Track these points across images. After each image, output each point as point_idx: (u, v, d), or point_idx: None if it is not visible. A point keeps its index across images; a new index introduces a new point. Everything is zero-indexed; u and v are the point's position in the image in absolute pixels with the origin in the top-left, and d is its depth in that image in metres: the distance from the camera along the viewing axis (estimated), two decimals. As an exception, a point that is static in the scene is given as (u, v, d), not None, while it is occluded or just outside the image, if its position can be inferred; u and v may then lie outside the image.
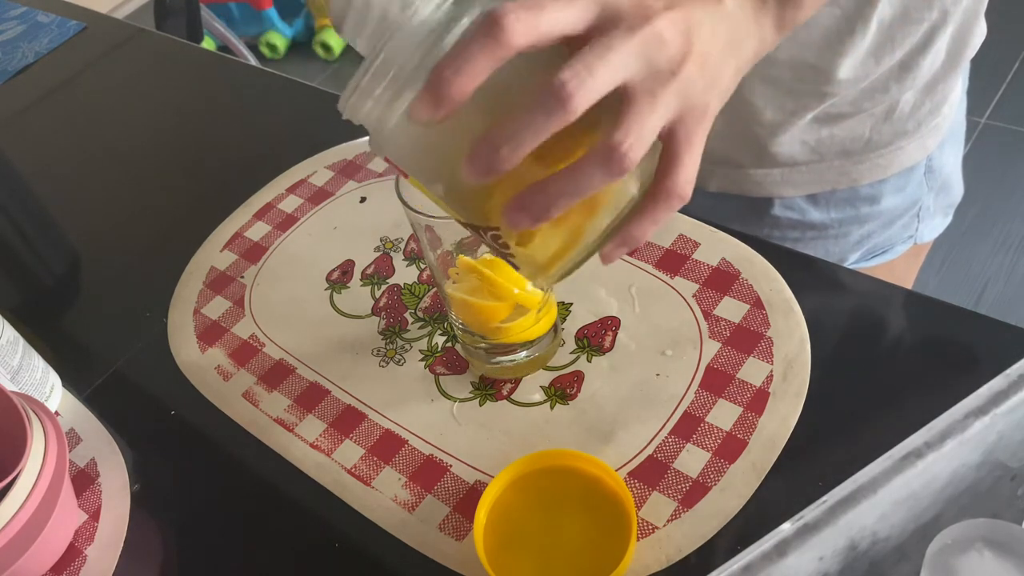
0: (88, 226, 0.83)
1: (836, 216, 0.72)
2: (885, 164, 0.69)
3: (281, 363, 0.63)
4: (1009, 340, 0.54)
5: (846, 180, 0.70)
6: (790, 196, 0.71)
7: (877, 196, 0.71)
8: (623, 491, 0.49)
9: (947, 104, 0.68)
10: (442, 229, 0.51)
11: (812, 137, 0.67)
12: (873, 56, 0.62)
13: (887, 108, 0.66)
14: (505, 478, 0.51)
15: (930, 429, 0.36)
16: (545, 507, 0.51)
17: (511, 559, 0.49)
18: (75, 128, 0.95)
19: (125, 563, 0.55)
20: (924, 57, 0.64)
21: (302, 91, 0.90)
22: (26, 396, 0.57)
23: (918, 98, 0.66)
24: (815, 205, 0.72)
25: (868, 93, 0.65)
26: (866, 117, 0.67)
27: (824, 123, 0.67)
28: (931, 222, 0.78)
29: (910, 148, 0.69)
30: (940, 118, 0.69)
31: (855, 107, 0.66)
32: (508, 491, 0.51)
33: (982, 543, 0.37)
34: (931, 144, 0.70)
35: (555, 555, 0.49)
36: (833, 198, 0.71)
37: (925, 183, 0.73)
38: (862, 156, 0.69)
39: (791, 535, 0.34)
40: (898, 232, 0.76)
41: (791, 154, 0.68)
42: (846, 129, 0.67)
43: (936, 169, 0.73)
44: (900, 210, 0.73)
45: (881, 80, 0.64)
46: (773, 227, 0.73)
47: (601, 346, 0.59)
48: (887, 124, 0.67)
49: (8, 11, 1.17)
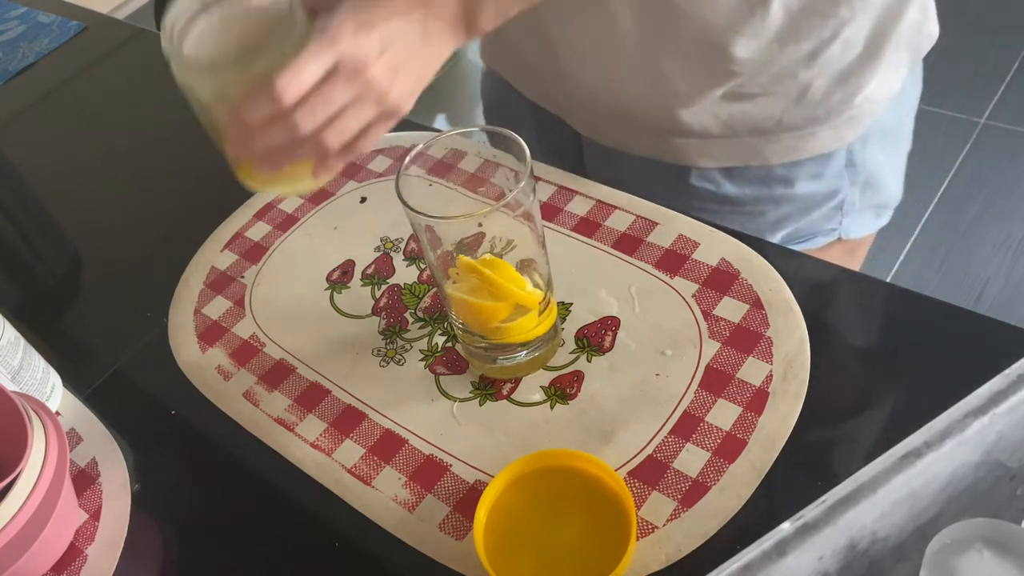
0: (88, 226, 0.83)
1: (751, 192, 0.74)
2: (797, 147, 0.71)
3: (281, 363, 0.64)
4: (1009, 340, 0.54)
5: (758, 158, 0.72)
6: (707, 167, 0.73)
7: (791, 178, 0.73)
8: (623, 491, 0.49)
9: (862, 96, 0.69)
10: (442, 229, 0.51)
11: (724, 111, 0.69)
12: (777, 42, 0.64)
13: (798, 92, 0.68)
14: (505, 478, 0.51)
15: (930, 429, 0.36)
16: (545, 507, 0.51)
17: (511, 559, 0.49)
18: (75, 128, 0.95)
19: (125, 563, 0.55)
20: (832, 48, 0.65)
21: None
22: (27, 396, 0.57)
23: (830, 86, 0.68)
24: (730, 179, 0.74)
25: (777, 77, 0.67)
26: (777, 99, 0.68)
27: (735, 100, 0.69)
28: (858, 219, 0.79)
29: (823, 135, 0.71)
30: (855, 110, 0.70)
31: (764, 88, 0.68)
32: (508, 491, 0.51)
33: (981, 543, 0.37)
34: (848, 135, 0.71)
35: (555, 554, 0.49)
36: (747, 174, 0.73)
37: (846, 176, 0.74)
38: (774, 136, 0.70)
39: (791, 534, 0.34)
40: (819, 222, 0.78)
41: (705, 125, 0.70)
42: (758, 107, 0.69)
43: (859, 164, 0.74)
44: (818, 198, 0.75)
45: (789, 65, 0.66)
46: (692, 197, 0.75)
47: (601, 346, 0.59)
48: (798, 107, 0.69)
49: (8, 11, 1.17)
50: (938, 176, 1.78)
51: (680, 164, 0.74)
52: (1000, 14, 2.09)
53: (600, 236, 0.65)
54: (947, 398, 0.37)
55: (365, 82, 0.49)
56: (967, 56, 2.01)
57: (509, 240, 0.53)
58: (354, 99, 0.50)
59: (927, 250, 1.66)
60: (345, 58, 0.48)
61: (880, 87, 0.70)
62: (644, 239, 0.64)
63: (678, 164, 0.74)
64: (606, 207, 0.67)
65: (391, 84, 0.50)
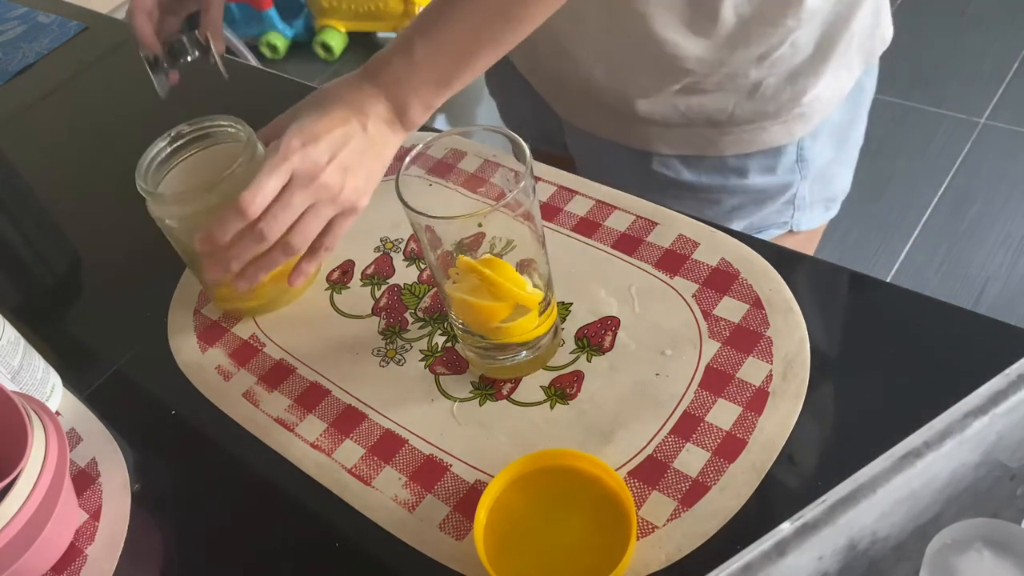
0: (88, 226, 0.83)
1: (707, 181, 0.78)
2: (748, 140, 0.75)
3: (281, 363, 0.64)
4: (1009, 340, 0.54)
5: (713, 148, 0.76)
6: (666, 154, 0.77)
7: (744, 169, 0.77)
8: (623, 491, 0.49)
9: (811, 95, 0.73)
10: (442, 229, 0.51)
11: (682, 103, 0.73)
12: (728, 46, 0.68)
13: (750, 88, 0.71)
14: (505, 478, 0.51)
15: (930, 429, 0.36)
16: (545, 507, 0.51)
17: (511, 559, 0.49)
18: (75, 128, 0.95)
19: (125, 562, 0.55)
20: (780, 50, 0.69)
21: (302, 91, 0.89)
22: (27, 396, 0.57)
23: (779, 84, 0.71)
24: (688, 166, 0.78)
25: (729, 76, 0.71)
26: (729, 94, 0.72)
27: (691, 93, 0.72)
28: (809, 212, 0.83)
29: (773, 130, 0.74)
30: (804, 108, 0.73)
31: (718, 85, 0.71)
32: (508, 491, 0.51)
33: (981, 543, 0.37)
34: (798, 131, 0.75)
35: (555, 554, 0.49)
36: (703, 163, 0.77)
37: (798, 170, 0.78)
38: (727, 128, 0.74)
39: (791, 534, 0.34)
40: (772, 215, 0.81)
41: (664, 114, 0.74)
42: (712, 100, 0.72)
43: (809, 159, 0.77)
44: (772, 191, 0.79)
45: (740, 65, 0.70)
46: (654, 182, 0.79)
47: (601, 346, 0.59)
48: (749, 103, 0.72)
49: (9, 11, 1.17)
50: (938, 176, 1.78)
51: (642, 150, 0.78)
52: (1000, 14, 2.09)
53: (600, 236, 0.65)
54: (947, 398, 0.37)
55: (319, 186, 0.57)
56: (967, 56, 2.01)
57: (509, 240, 0.53)
58: (312, 202, 0.58)
59: (927, 250, 1.66)
60: (298, 169, 0.56)
61: (829, 87, 0.73)
62: (644, 239, 0.64)
63: (640, 150, 0.78)
64: (606, 207, 0.67)
65: (343, 183, 0.58)
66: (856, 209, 1.03)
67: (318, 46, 2.55)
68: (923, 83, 1.97)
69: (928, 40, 2.06)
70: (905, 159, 1.82)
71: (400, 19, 2.47)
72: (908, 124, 1.90)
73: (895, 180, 1.79)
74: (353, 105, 0.59)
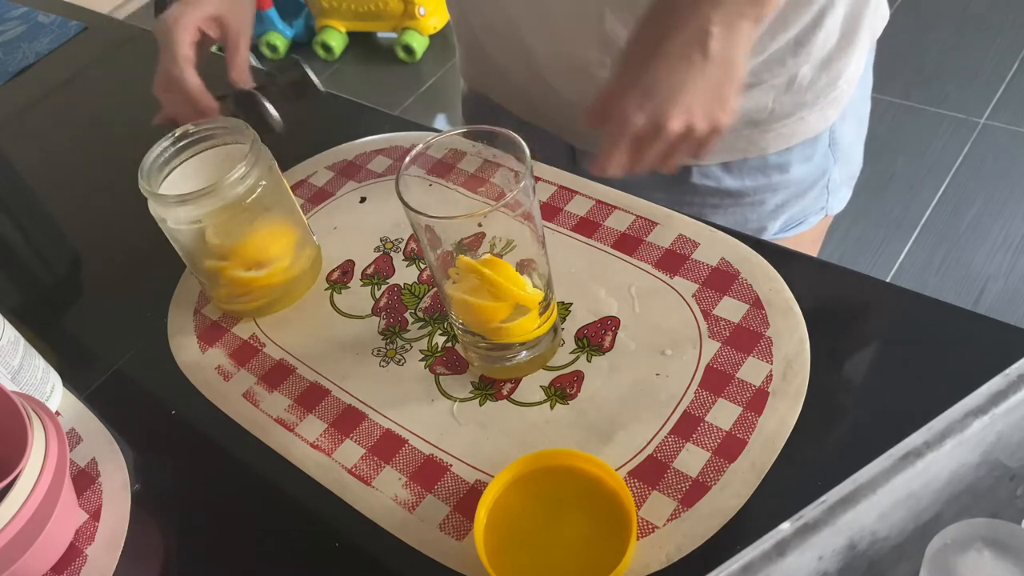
0: (88, 226, 0.83)
1: (750, 184, 0.77)
2: (789, 133, 0.74)
3: (281, 363, 0.64)
4: (1009, 340, 0.54)
5: (755, 149, 0.75)
6: (706, 164, 0.76)
7: (786, 164, 0.76)
8: (623, 490, 0.49)
9: (843, 79, 0.73)
10: (442, 229, 0.51)
11: None
12: (768, 33, 0.67)
13: (787, 80, 0.71)
14: (505, 477, 0.51)
15: (930, 429, 0.36)
16: (545, 506, 0.51)
17: (511, 558, 0.49)
18: (75, 128, 0.95)
19: (125, 562, 0.55)
20: (816, 35, 0.69)
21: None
22: (27, 396, 0.57)
23: (815, 72, 0.71)
24: (729, 173, 0.76)
25: (767, 66, 0.70)
26: (768, 88, 0.71)
27: None
28: (839, 194, 0.83)
29: (811, 119, 0.74)
30: (838, 91, 0.74)
31: (756, 78, 0.70)
32: (508, 490, 0.51)
33: (981, 543, 0.37)
34: (832, 115, 0.75)
35: (555, 553, 0.49)
36: (745, 166, 0.76)
37: (831, 154, 0.78)
38: (767, 125, 0.73)
39: (790, 534, 0.34)
40: (811, 203, 0.81)
41: None
42: (751, 100, 0.71)
43: (839, 142, 0.78)
44: (811, 180, 0.79)
45: (778, 55, 0.69)
46: (694, 194, 0.78)
47: (601, 346, 0.59)
48: (788, 95, 0.72)
49: (9, 11, 1.17)
50: (938, 176, 1.78)
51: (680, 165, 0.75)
52: (1000, 14, 2.08)
53: (600, 236, 0.65)
54: (947, 398, 0.37)
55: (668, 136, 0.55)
56: (967, 56, 2.01)
57: (509, 240, 0.53)
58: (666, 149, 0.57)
59: (927, 250, 1.66)
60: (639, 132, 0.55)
61: (854, 67, 0.74)
62: (644, 239, 0.64)
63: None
64: (606, 207, 0.67)
65: (691, 123, 0.55)
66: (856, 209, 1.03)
67: (318, 46, 2.55)
68: (923, 83, 1.97)
69: (928, 40, 2.06)
70: (905, 159, 1.82)
71: (400, 19, 2.47)
72: (908, 124, 1.90)
73: (895, 180, 1.79)
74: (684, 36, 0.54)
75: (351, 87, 2.43)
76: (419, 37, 2.46)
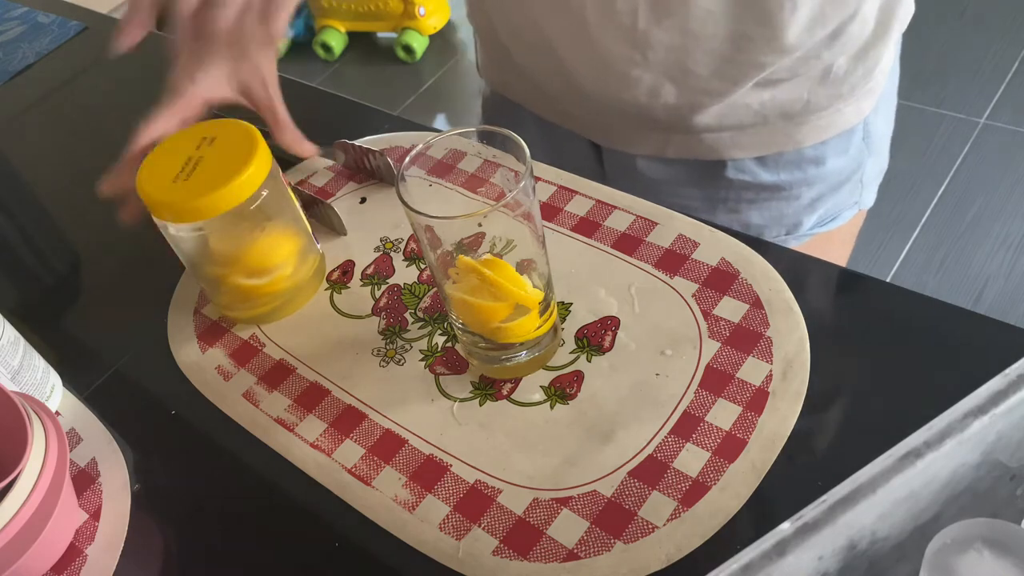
0: (88, 226, 0.83)
1: (786, 178, 0.77)
2: (825, 126, 0.74)
3: (281, 363, 0.64)
4: (1009, 340, 0.54)
5: (791, 143, 0.74)
6: (740, 158, 0.76)
7: (821, 158, 0.76)
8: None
9: (879, 69, 0.73)
10: (442, 229, 0.51)
11: (755, 100, 0.72)
12: (807, 29, 0.67)
13: (822, 72, 0.71)
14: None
15: (929, 429, 0.36)
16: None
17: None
18: (75, 128, 0.95)
19: (125, 563, 0.55)
20: (851, 25, 0.68)
21: (302, 91, 0.90)
22: (27, 396, 0.57)
23: (850, 64, 0.71)
24: (764, 167, 0.76)
25: (802, 59, 0.69)
26: (803, 81, 0.71)
27: (765, 87, 0.71)
28: (871, 187, 0.83)
29: (847, 111, 0.74)
30: (873, 82, 0.74)
31: (792, 72, 0.70)
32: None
33: (981, 543, 0.37)
34: (866, 107, 0.75)
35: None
36: (781, 160, 0.76)
37: (865, 147, 0.78)
38: (803, 118, 0.73)
39: (790, 534, 0.34)
40: (845, 197, 0.81)
41: (738, 118, 0.73)
42: (786, 92, 0.71)
43: (872, 133, 0.78)
44: (846, 173, 0.78)
45: (814, 48, 0.68)
46: (728, 189, 0.77)
47: (601, 346, 0.59)
48: (823, 87, 0.71)
49: (9, 11, 1.17)
50: (938, 176, 1.79)
51: (714, 160, 0.76)
52: (1000, 15, 2.09)
53: (600, 236, 0.65)
54: (947, 398, 0.37)
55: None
56: (967, 56, 2.01)
57: (509, 240, 0.53)
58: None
59: (927, 250, 1.66)
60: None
61: (888, 58, 0.73)
62: (644, 239, 0.64)
63: (712, 160, 0.76)
64: (606, 207, 0.67)
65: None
66: (856, 209, 1.03)
67: (318, 46, 2.55)
68: (923, 83, 1.97)
69: (928, 40, 2.06)
70: (905, 159, 1.82)
71: (400, 19, 2.47)
72: (908, 124, 1.90)
73: (895, 180, 1.79)
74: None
75: (351, 87, 2.43)
76: (419, 37, 2.46)
